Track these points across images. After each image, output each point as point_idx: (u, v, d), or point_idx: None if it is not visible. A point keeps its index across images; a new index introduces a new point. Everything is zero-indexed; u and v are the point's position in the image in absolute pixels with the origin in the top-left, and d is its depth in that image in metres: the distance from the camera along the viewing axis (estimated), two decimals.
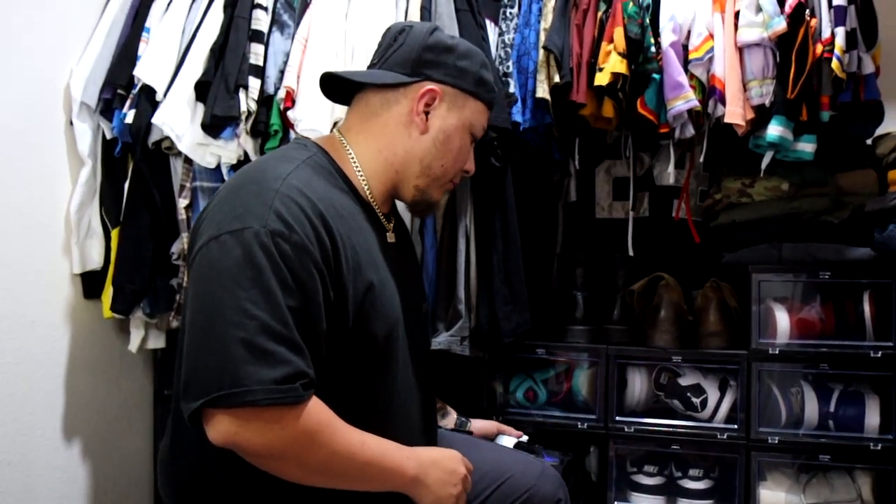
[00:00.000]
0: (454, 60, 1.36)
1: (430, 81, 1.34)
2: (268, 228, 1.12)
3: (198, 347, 1.11)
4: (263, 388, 1.07)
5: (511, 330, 1.86)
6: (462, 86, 1.37)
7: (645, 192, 2.33)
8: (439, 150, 1.37)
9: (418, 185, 1.38)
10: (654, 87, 1.78)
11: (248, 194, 1.17)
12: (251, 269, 1.10)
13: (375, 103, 1.36)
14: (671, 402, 2.02)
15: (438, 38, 1.36)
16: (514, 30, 1.91)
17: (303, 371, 1.11)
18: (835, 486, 1.89)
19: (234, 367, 1.07)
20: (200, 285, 1.14)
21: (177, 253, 2.04)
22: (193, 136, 1.90)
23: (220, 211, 1.17)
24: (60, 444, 2.03)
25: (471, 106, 1.39)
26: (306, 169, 1.25)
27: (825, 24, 1.66)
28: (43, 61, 1.97)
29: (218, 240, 1.13)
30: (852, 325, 1.91)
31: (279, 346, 1.09)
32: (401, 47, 1.36)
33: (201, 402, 1.08)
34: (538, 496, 1.50)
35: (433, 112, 1.35)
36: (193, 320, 1.13)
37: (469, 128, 1.40)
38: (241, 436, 1.09)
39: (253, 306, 1.09)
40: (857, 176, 2.01)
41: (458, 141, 1.39)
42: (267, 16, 1.95)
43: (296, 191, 1.18)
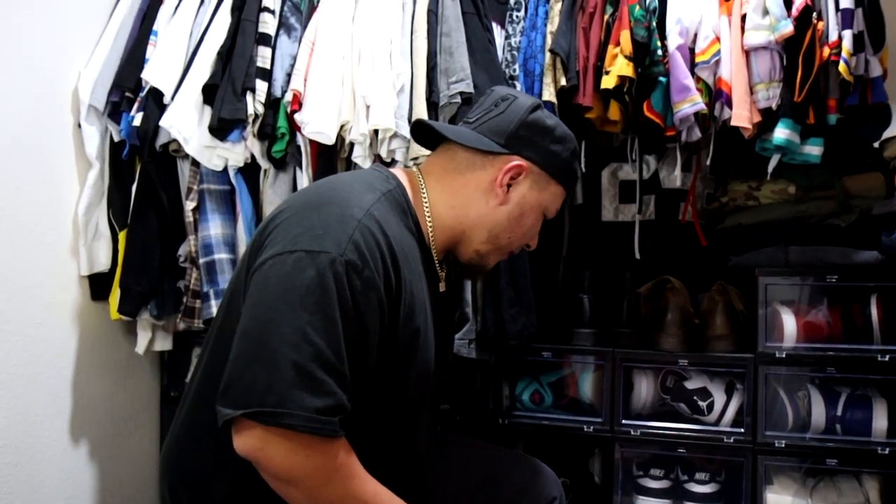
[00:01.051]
0: (548, 143, 1.36)
1: (520, 157, 1.35)
2: (344, 258, 1.12)
3: (248, 356, 1.11)
4: (304, 416, 1.07)
5: (517, 332, 1.86)
6: (549, 169, 1.37)
7: (651, 195, 2.33)
8: (511, 224, 1.37)
9: (479, 251, 1.39)
10: (661, 90, 1.78)
11: (330, 217, 1.17)
12: (320, 294, 1.10)
13: (461, 161, 1.36)
14: (677, 406, 2.01)
15: (539, 118, 1.36)
16: (520, 33, 1.91)
17: (344, 406, 1.11)
18: (842, 491, 1.88)
19: (281, 387, 1.07)
20: (264, 295, 1.13)
21: (184, 255, 2.04)
22: (201, 139, 1.91)
23: (299, 225, 1.17)
24: (67, 445, 2.03)
25: (552, 189, 1.40)
26: (385, 203, 1.26)
27: (832, 26, 1.66)
28: (51, 64, 1.98)
29: (293, 255, 1.13)
30: (859, 329, 1.91)
31: (329, 376, 1.09)
32: (500, 115, 1.36)
33: (240, 413, 1.08)
34: (536, 494, 1.53)
35: (515, 186, 1.35)
36: (250, 327, 1.13)
37: (544, 209, 1.41)
38: (265, 453, 1.10)
39: (313, 331, 1.09)
40: (864, 179, 2.01)
41: (530, 219, 1.40)
42: (274, 19, 1.96)
43: (375, 225, 1.19)
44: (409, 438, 1.36)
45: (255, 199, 2.00)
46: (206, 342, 1.33)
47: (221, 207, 2.00)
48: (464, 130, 1.38)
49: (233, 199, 2.01)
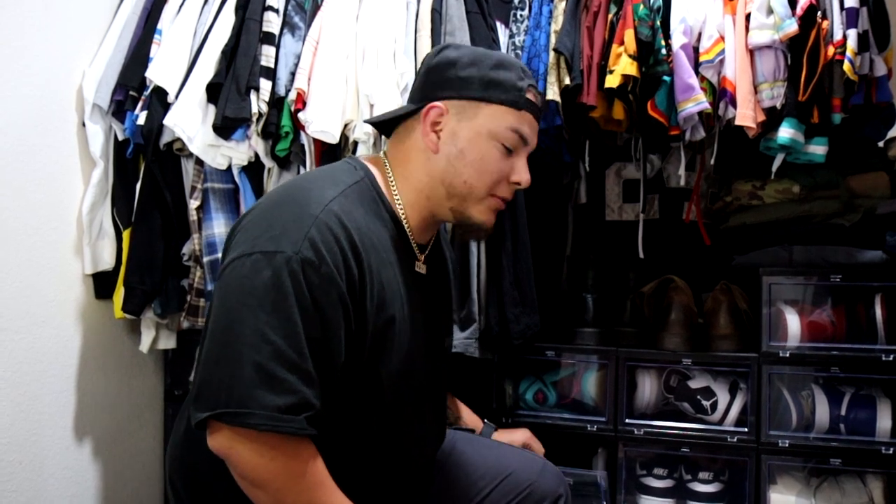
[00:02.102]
0: (458, 72, 1.31)
1: (434, 101, 1.31)
2: (299, 256, 1.13)
3: (213, 360, 1.13)
4: (265, 414, 1.08)
5: (520, 332, 1.86)
6: (467, 94, 1.31)
7: (655, 195, 2.33)
8: (455, 166, 1.31)
9: (452, 208, 1.34)
10: (665, 89, 1.77)
11: (288, 215, 1.18)
12: (277, 293, 1.12)
13: (401, 133, 1.37)
14: (681, 405, 2.01)
15: (442, 56, 1.34)
16: (524, 32, 1.91)
17: (309, 402, 1.12)
18: (846, 491, 1.88)
19: (242, 388, 1.09)
20: (225, 298, 1.15)
21: (188, 254, 2.05)
22: (205, 138, 1.91)
23: (258, 227, 1.18)
24: (71, 443, 2.04)
25: (485, 111, 1.30)
26: (351, 195, 1.25)
27: (837, 26, 1.65)
28: (55, 63, 1.99)
29: (250, 257, 1.14)
30: (864, 329, 1.90)
31: (290, 374, 1.10)
32: (417, 78, 1.38)
33: (207, 415, 1.10)
34: (539, 492, 1.52)
35: (442, 129, 1.31)
36: (213, 330, 1.15)
37: (490, 135, 1.30)
38: (234, 451, 1.12)
39: (271, 331, 1.10)
40: (868, 178, 2.00)
41: (475, 152, 1.30)
42: (278, 18, 1.96)
43: (334, 219, 1.18)
44: (401, 424, 1.34)
45: (258, 197, 2.00)
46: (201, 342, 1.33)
47: (225, 206, 2.00)
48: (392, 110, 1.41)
49: (237, 197, 2.02)
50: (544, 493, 1.53)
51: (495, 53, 1.36)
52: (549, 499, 1.53)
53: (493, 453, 1.59)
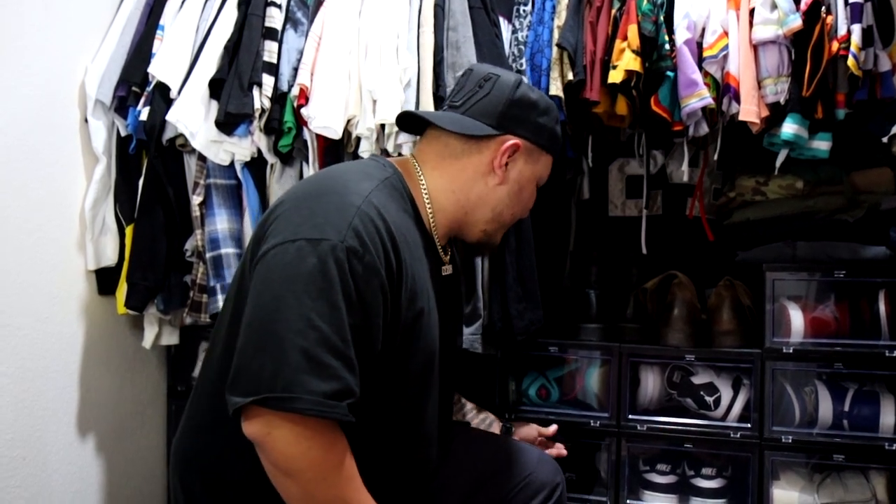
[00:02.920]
0: (536, 117, 1.41)
1: (513, 135, 1.39)
2: (345, 244, 1.15)
3: (255, 345, 1.13)
4: (312, 399, 1.09)
5: (523, 328, 1.86)
6: (539, 142, 1.43)
7: (658, 191, 2.33)
8: (512, 200, 1.43)
9: (486, 230, 1.44)
10: (668, 84, 1.77)
11: (330, 205, 1.20)
12: (322, 280, 1.13)
13: (456, 147, 1.39)
14: (684, 401, 2.01)
15: (524, 94, 1.40)
16: (527, 27, 1.91)
17: (352, 389, 1.13)
18: (849, 487, 1.88)
19: (289, 373, 1.09)
20: (268, 284, 1.15)
21: (190, 250, 2.05)
22: (207, 134, 1.91)
23: (299, 214, 1.19)
24: (75, 439, 2.04)
25: (544, 160, 1.46)
26: (384, 190, 1.28)
27: (841, 21, 1.65)
28: (58, 59, 1.98)
29: (294, 244, 1.15)
30: (867, 325, 1.90)
31: (335, 360, 1.11)
32: (487, 96, 1.39)
33: (250, 400, 1.10)
34: (537, 482, 1.57)
35: (512, 164, 1.40)
36: (255, 316, 1.15)
37: (538, 179, 1.48)
38: (272, 437, 1.12)
39: (318, 317, 1.11)
40: (872, 174, 2.00)
41: (528, 192, 1.47)
42: (281, 13, 1.96)
43: (374, 211, 1.21)
44: (417, 419, 1.37)
45: (261, 193, 2.00)
46: (214, 335, 1.33)
47: (228, 202, 2.00)
48: (455, 117, 1.40)
49: (239, 193, 2.02)
50: (542, 483, 1.58)
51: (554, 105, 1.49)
52: (546, 488, 1.58)
53: (492, 445, 1.63)
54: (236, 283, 1.29)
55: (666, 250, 2.19)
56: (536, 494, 1.57)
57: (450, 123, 1.39)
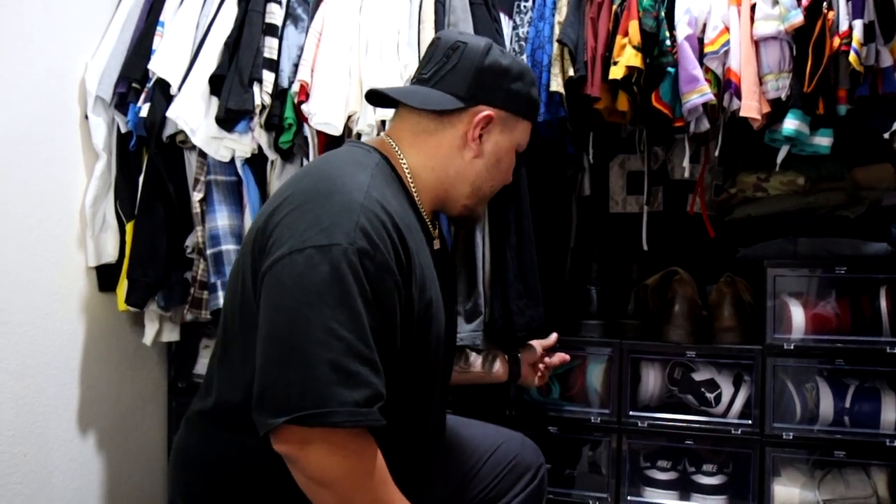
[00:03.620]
0: (508, 83, 1.36)
1: (485, 105, 1.35)
2: (355, 247, 1.12)
3: (279, 361, 1.10)
4: (347, 410, 1.07)
5: (524, 324, 1.85)
6: (514, 108, 1.38)
7: (659, 187, 2.32)
8: (490, 172, 1.39)
9: (467, 204, 1.41)
10: (669, 80, 1.76)
11: (333, 206, 1.16)
12: (339, 287, 1.10)
13: (429, 124, 1.35)
14: (685, 398, 2.01)
15: (494, 60, 1.35)
16: (528, 23, 1.90)
17: (381, 393, 1.12)
18: (850, 483, 1.88)
19: (320, 388, 1.07)
20: (283, 297, 1.12)
21: (191, 246, 2.05)
22: (208, 130, 1.91)
23: (303, 220, 1.15)
24: (75, 436, 2.04)
25: (521, 127, 1.42)
26: (378, 177, 1.25)
27: (843, 16, 1.64)
28: (58, 55, 1.98)
29: (302, 253, 1.12)
30: (868, 321, 1.90)
31: (363, 366, 1.10)
32: (455, 67, 1.34)
33: (283, 420, 1.07)
34: (523, 463, 1.63)
35: (487, 136, 1.36)
36: (274, 332, 1.12)
37: (517, 147, 1.43)
38: (304, 453, 1.10)
39: (340, 326, 1.09)
40: (874, 170, 2.00)
41: (507, 161, 1.42)
42: (281, 9, 1.96)
43: (377, 205, 1.18)
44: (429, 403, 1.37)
45: (262, 190, 2.00)
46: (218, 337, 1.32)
47: (229, 198, 2.00)
48: (422, 92, 1.36)
49: (240, 190, 2.01)
50: (528, 465, 1.63)
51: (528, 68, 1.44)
52: (531, 469, 1.63)
53: (480, 430, 1.67)
54: (238, 284, 1.26)
55: (667, 247, 2.19)
56: (521, 477, 1.61)
57: (417, 101, 1.35)
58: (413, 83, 1.41)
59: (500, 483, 1.58)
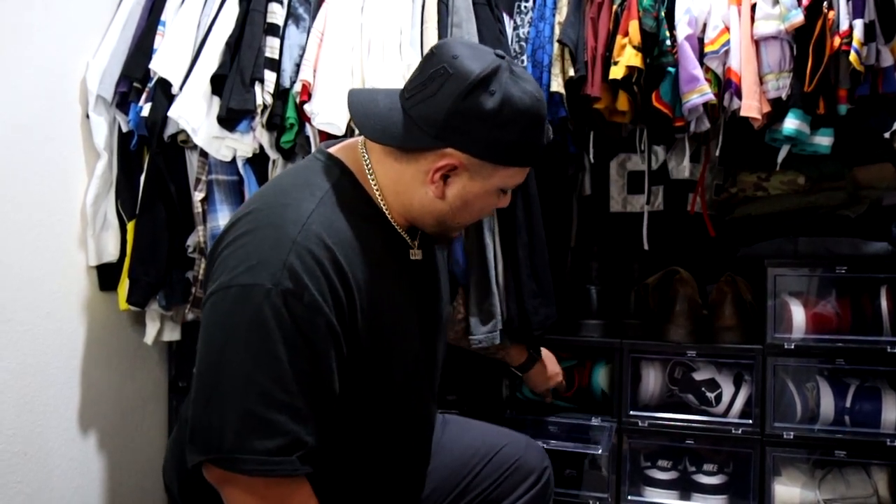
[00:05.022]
0: (487, 130, 1.16)
1: (454, 149, 1.18)
2: (279, 288, 1.08)
3: (203, 400, 1.12)
4: (256, 459, 1.07)
5: (540, 322, 1.85)
6: (491, 157, 1.19)
7: (660, 186, 2.32)
8: (455, 214, 1.25)
9: (434, 231, 1.30)
10: (670, 80, 1.77)
11: (265, 240, 1.13)
12: (259, 331, 1.08)
13: (394, 149, 1.22)
14: (685, 397, 2.01)
15: (474, 104, 1.15)
16: (528, 23, 1.91)
17: (301, 440, 1.10)
18: (850, 482, 1.88)
19: (231, 434, 1.08)
20: (210, 335, 1.13)
21: (192, 246, 2.05)
22: (209, 130, 1.91)
23: (235, 255, 1.14)
24: (76, 435, 2.04)
25: (501, 174, 1.22)
26: (328, 203, 1.19)
27: (843, 16, 1.65)
28: (59, 55, 1.98)
29: (228, 291, 1.11)
30: (869, 321, 1.90)
31: (280, 414, 1.08)
32: (431, 98, 1.16)
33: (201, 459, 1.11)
34: (527, 465, 1.59)
35: (452, 180, 1.21)
36: (200, 370, 1.14)
37: (498, 189, 1.26)
38: (226, 489, 1.13)
39: (257, 372, 1.08)
40: (874, 170, 2.00)
41: (479, 204, 1.26)
42: (282, 9, 1.96)
43: (315, 239, 1.13)
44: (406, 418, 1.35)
45: None
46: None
47: (230, 198, 2.00)
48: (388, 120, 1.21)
49: (241, 189, 2.01)
50: (531, 468, 1.60)
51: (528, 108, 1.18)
52: (535, 472, 1.60)
53: (481, 432, 1.65)
54: None
55: (667, 246, 2.19)
56: (524, 479, 1.59)
57: (376, 133, 1.22)
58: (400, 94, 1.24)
59: (503, 485, 1.57)
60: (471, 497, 1.55)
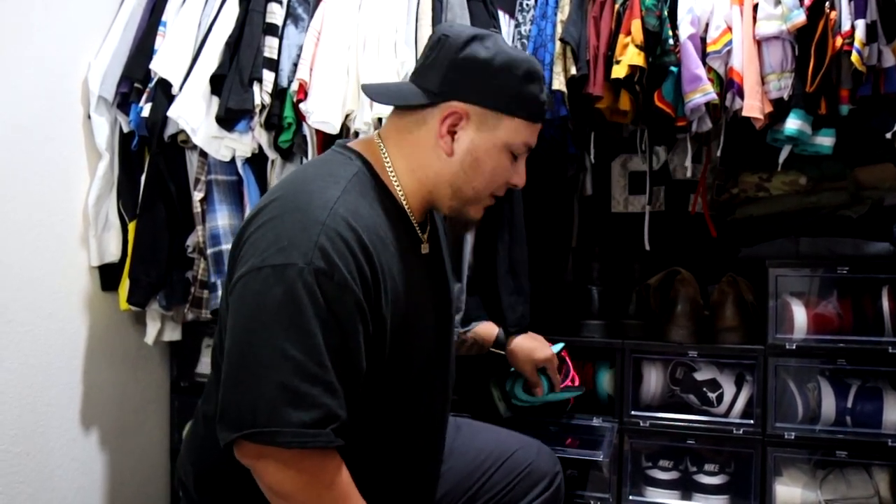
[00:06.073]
0: (487, 77, 1.24)
1: (457, 101, 1.25)
2: (311, 266, 1.11)
3: (234, 380, 1.13)
4: (292, 431, 1.08)
5: (516, 320, 1.85)
6: (493, 105, 1.26)
7: (661, 187, 2.32)
8: (468, 174, 1.29)
9: (452, 206, 1.33)
10: (672, 80, 1.76)
11: (294, 225, 1.15)
12: (292, 307, 1.10)
13: (408, 120, 1.30)
14: (687, 397, 2.01)
15: (470, 54, 1.24)
16: (530, 21, 1.90)
17: (335, 414, 1.12)
18: (852, 483, 1.88)
19: (267, 407, 1.09)
20: (241, 316, 1.14)
21: (192, 246, 2.05)
22: (208, 130, 1.91)
23: (265, 238, 1.16)
24: (78, 435, 2.05)
25: (506, 125, 1.27)
26: (352, 191, 1.22)
27: (845, 16, 1.64)
28: (61, 55, 1.99)
29: (260, 272, 1.13)
30: (870, 321, 1.89)
31: (314, 387, 1.10)
32: (434, 61, 1.27)
33: (235, 436, 1.11)
34: (538, 471, 1.59)
35: (460, 134, 1.27)
36: (232, 351, 1.15)
37: (506, 147, 1.29)
38: (260, 464, 1.13)
39: (290, 346, 1.09)
40: (876, 170, 1.99)
41: (490, 163, 1.29)
42: (281, 9, 1.96)
43: (342, 223, 1.16)
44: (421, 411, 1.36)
45: (262, 189, 2.01)
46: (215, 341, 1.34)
47: (229, 198, 2.00)
48: (397, 88, 1.35)
49: (240, 189, 2.02)
50: (543, 473, 1.60)
51: (523, 60, 1.28)
52: (547, 477, 1.60)
53: (494, 436, 1.65)
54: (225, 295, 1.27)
55: (669, 246, 2.19)
56: (536, 484, 1.58)
57: (386, 97, 1.33)
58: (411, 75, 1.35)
59: (514, 489, 1.56)
60: (482, 501, 1.56)
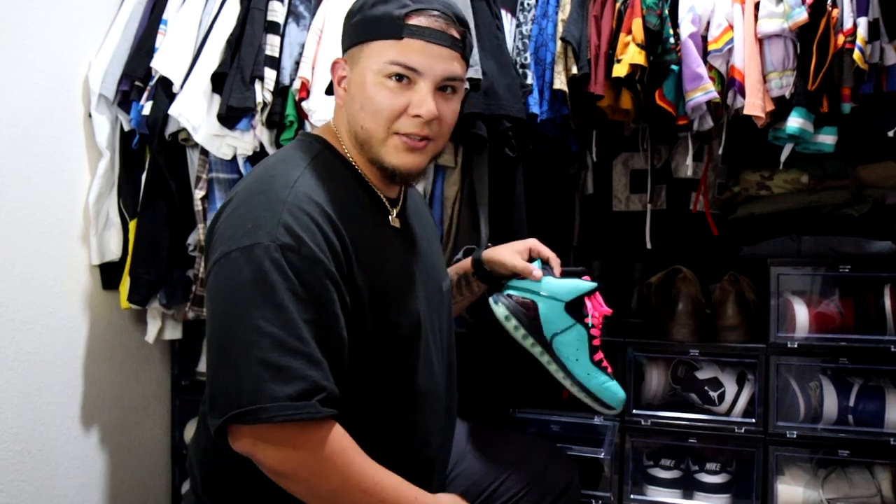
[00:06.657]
0: (347, 22, 1.32)
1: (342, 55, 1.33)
2: (277, 243, 1.13)
3: (216, 364, 1.14)
4: (277, 405, 1.08)
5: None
6: (353, 42, 1.29)
7: (662, 185, 2.32)
8: (354, 115, 1.28)
9: (370, 158, 1.29)
10: (673, 78, 1.76)
11: (258, 206, 1.18)
12: (263, 286, 1.11)
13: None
14: (688, 396, 2.01)
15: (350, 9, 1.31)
16: (531, 21, 1.90)
17: (320, 385, 1.11)
18: (854, 482, 1.88)
19: (250, 386, 1.09)
20: (215, 303, 1.16)
21: (193, 244, 2.05)
22: (209, 128, 1.90)
23: (231, 225, 1.18)
24: (79, 433, 2.04)
25: (366, 53, 1.26)
26: (313, 171, 1.25)
27: (847, 14, 1.64)
28: (61, 54, 1.98)
29: (229, 257, 1.15)
30: (872, 320, 1.89)
31: (294, 360, 1.10)
32: None
33: (222, 420, 1.11)
34: (553, 476, 1.58)
35: (346, 82, 1.31)
36: (211, 338, 1.16)
37: (374, 74, 1.25)
38: (258, 449, 1.13)
39: (266, 323, 1.10)
40: (878, 168, 1.99)
41: (363, 96, 1.26)
42: (283, 7, 1.95)
43: (305, 198, 1.18)
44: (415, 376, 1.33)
45: None
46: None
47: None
48: None
49: None
50: (558, 478, 1.58)
51: None
52: (563, 482, 1.58)
53: (509, 440, 1.64)
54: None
55: (670, 245, 2.19)
56: (552, 489, 1.57)
57: None
58: None
59: (527, 496, 1.55)
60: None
